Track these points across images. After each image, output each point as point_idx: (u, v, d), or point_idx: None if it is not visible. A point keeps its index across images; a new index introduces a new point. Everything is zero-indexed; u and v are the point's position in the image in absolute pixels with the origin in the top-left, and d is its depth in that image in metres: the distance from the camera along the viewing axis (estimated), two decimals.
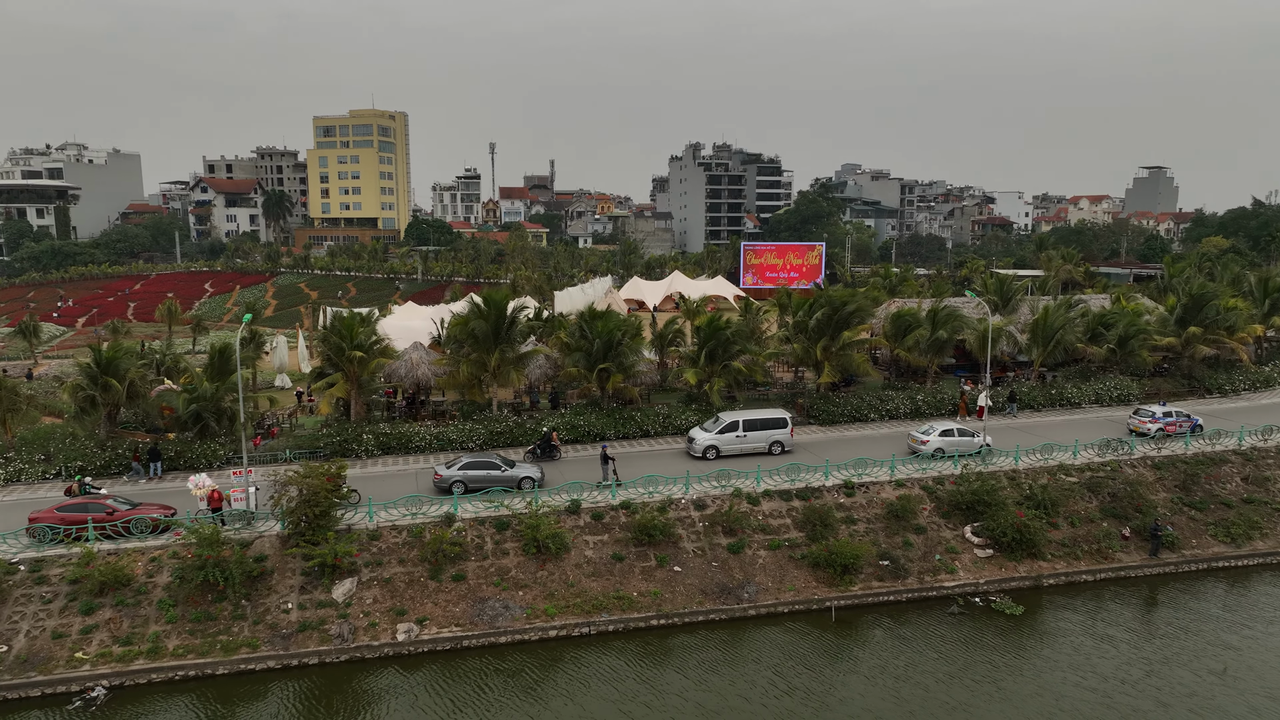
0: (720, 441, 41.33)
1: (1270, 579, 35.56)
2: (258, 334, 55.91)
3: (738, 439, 41.44)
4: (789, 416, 42.87)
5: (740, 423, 41.78)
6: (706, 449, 41.13)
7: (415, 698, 26.80)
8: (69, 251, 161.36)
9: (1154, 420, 44.92)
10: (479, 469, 36.91)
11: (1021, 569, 34.52)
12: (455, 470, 36.77)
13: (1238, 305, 54.15)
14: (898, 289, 74.29)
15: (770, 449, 41.90)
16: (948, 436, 41.82)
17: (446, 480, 36.31)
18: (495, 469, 37.09)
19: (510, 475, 37.11)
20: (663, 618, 31.06)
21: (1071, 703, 27.40)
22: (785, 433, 42.16)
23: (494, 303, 42.91)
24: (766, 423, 42.17)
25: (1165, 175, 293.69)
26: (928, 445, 41.47)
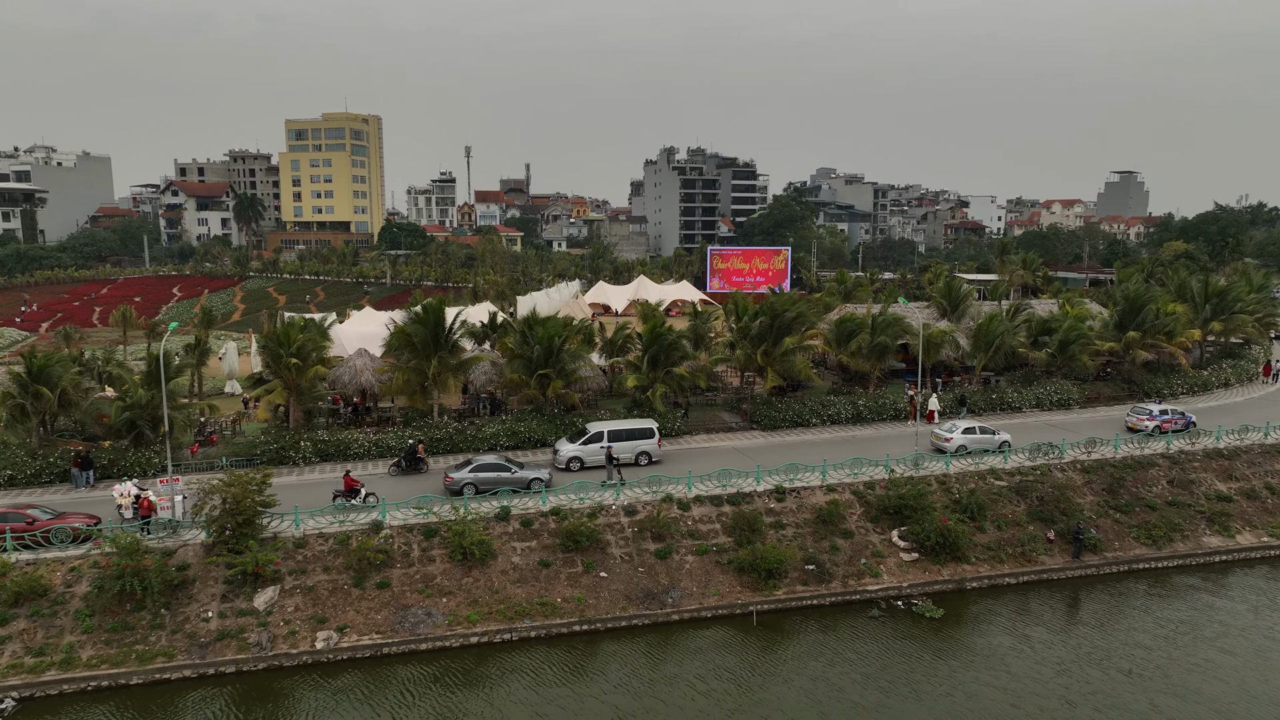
0: (584, 453, 40.47)
1: (1187, 580, 36.27)
2: (203, 341, 55.67)
3: (602, 450, 40.31)
4: (656, 427, 42.09)
5: (605, 433, 40.87)
6: (570, 460, 40.46)
7: (329, 706, 26.93)
8: (35, 255, 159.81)
9: (1151, 418, 46.48)
10: (489, 471, 37.76)
11: (945, 572, 35.04)
12: (466, 473, 37.56)
13: (1176, 310, 55.06)
14: (852, 294, 74.93)
15: (637, 460, 41.08)
16: (970, 434, 43.38)
17: (458, 483, 37.09)
18: (505, 470, 37.96)
19: (520, 477, 37.97)
20: (586, 624, 31.32)
21: (981, 701, 27.94)
22: (652, 443, 41.42)
23: (432, 310, 43.06)
24: (633, 433, 41.28)
25: (1136, 180, 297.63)
26: (951, 442, 42.86)
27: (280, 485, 38.28)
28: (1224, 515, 39.26)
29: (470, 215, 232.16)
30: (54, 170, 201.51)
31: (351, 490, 35.95)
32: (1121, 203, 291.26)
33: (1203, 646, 31.24)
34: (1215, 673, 29.58)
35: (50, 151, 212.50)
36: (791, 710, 27.30)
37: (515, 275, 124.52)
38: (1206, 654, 30.74)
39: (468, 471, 37.60)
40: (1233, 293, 58.55)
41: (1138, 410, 47.72)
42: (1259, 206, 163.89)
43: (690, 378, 46.49)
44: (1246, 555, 38.08)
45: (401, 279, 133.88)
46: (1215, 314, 57.76)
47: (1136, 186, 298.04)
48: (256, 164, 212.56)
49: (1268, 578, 36.64)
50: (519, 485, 37.61)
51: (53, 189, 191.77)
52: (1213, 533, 38.77)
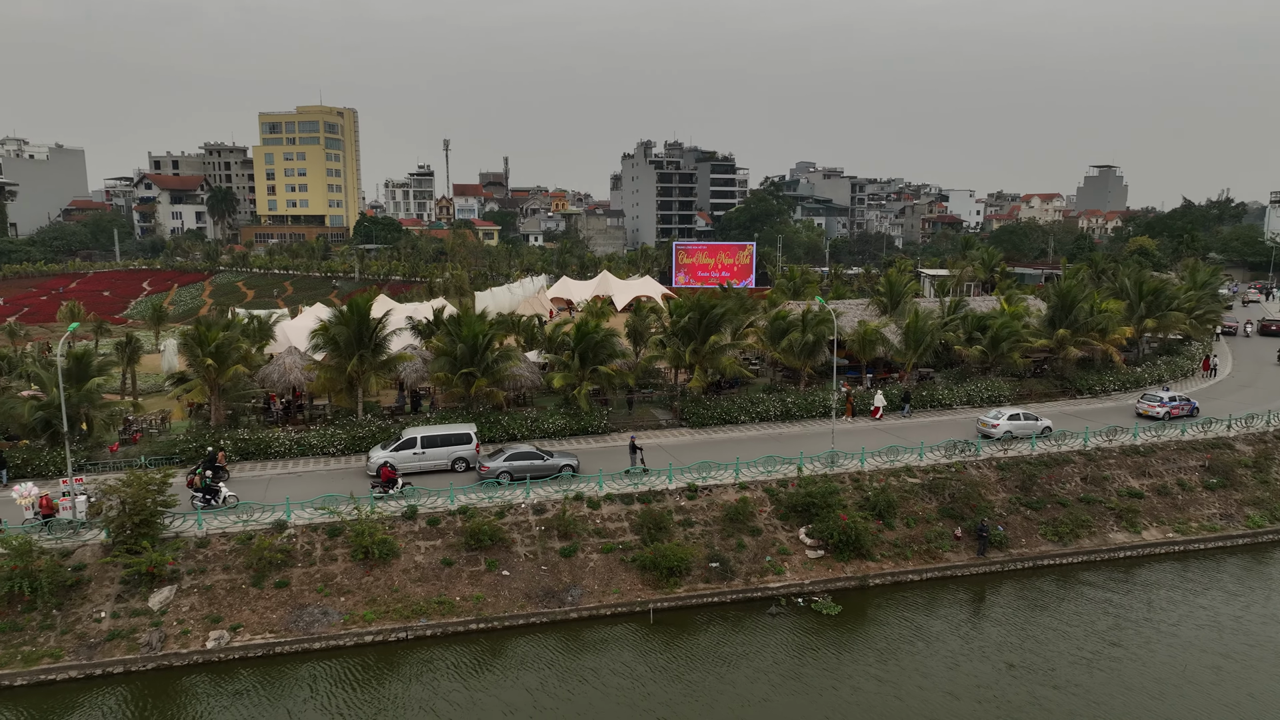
0: (396, 459, 39.20)
1: (1090, 576, 36.76)
2: (134, 338, 55.58)
3: (415, 456, 39.61)
4: (473, 432, 41.13)
5: (419, 439, 40.02)
6: (380, 468, 38.49)
7: (212, 706, 27.10)
8: (3, 249, 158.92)
9: (1161, 404, 49.10)
10: (523, 459, 39.22)
11: (848, 569, 35.42)
12: (501, 462, 38.94)
13: (1109, 307, 55.55)
14: (800, 291, 75.30)
15: (453, 466, 40.21)
16: (1015, 420, 45.26)
17: (493, 472, 38.57)
18: (538, 459, 39.42)
19: (551, 464, 39.43)
20: (483, 622, 31.58)
21: (865, 695, 28.44)
22: (469, 449, 40.43)
23: (356, 308, 43.12)
24: (448, 439, 40.42)
25: (1115, 174, 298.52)
26: (998, 428, 44.63)
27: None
28: (1132, 512, 39.80)
29: (448, 209, 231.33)
30: (26, 163, 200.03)
31: (389, 481, 36.76)
32: (1101, 197, 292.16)
33: (1093, 640, 31.77)
34: (1099, 665, 30.14)
35: (22, 144, 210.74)
36: (676, 705, 27.67)
37: (482, 270, 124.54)
38: (1095, 647, 31.28)
39: (503, 460, 39.05)
40: (1167, 290, 59.10)
41: (1149, 398, 49.99)
42: (1226, 202, 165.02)
43: (617, 376, 46.68)
44: (1151, 551, 38.63)
45: (370, 274, 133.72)
46: (1149, 311, 58.29)
47: (1115, 181, 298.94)
48: (232, 157, 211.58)
49: (1169, 573, 37.18)
50: (550, 472, 39.03)
51: (24, 182, 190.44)
52: (1120, 529, 39.29)
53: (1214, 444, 44.80)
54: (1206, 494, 41.90)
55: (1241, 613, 33.93)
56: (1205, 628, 32.76)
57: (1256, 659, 30.66)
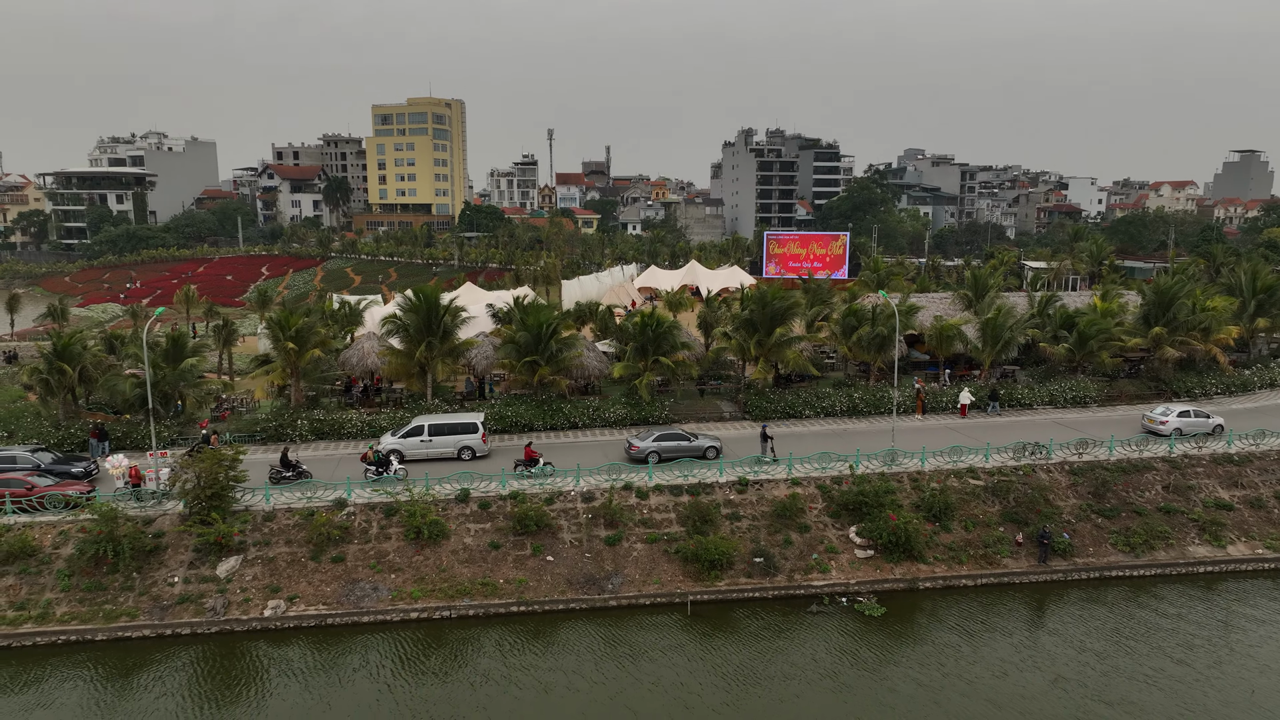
0: (404, 445, 40.07)
1: (1163, 589, 34.70)
2: (229, 321, 59.15)
3: (422, 443, 40.27)
4: (480, 421, 41.48)
5: (425, 427, 40.62)
6: (390, 453, 39.60)
7: (260, 668, 28.87)
8: (142, 235, 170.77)
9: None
10: (670, 440, 41.05)
11: (897, 571, 34.57)
12: (650, 442, 40.76)
13: (1214, 305, 51.93)
14: (885, 283, 73.24)
15: (460, 454, 40.73)
16: (1185, 417, 44.31)
17: (642, 451, 40.23)
18: (684, 440, 41.19)
19: (697, 445, 41.06)
20: (524, 605, 32.40)
21: (902, 698, 27.83)
22: (476, 438, 40.78)
23: (425, 297, 44.68)
24: (454, 427, 40.87)
25: (1259, 159, 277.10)
26: (1167, 425, 43.84)
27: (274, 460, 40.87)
28: (1217, 524, 37.29)
29: (550, 197, 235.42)
30: (165, 155, 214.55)
31: (531, 460, 38.47)
32: (1241, 185, 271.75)
33: (1156, 657, 30.10)
34: (1160, 683, 28.57)
35: (162, 137, 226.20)
36: (706, 694, 27.82)
37: (575, 258, 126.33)
38: (1158, 664, 29.64)
39: (651, 441, 40.77)
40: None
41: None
42: None
43: (680, 367, 46.77)
44: (1236, 567, 36.11)
45: (468, 261, 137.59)
46: (1261, 310, 54.15)
47: (1260, 167, 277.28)
48: (348, 148, 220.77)
49: (1254, 592, 34.72)
50: (696, 453, 40.63)
51: (163, 173, 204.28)
52: (1202, 542, 36.88)
53: None
54: None
55: None
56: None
57: None
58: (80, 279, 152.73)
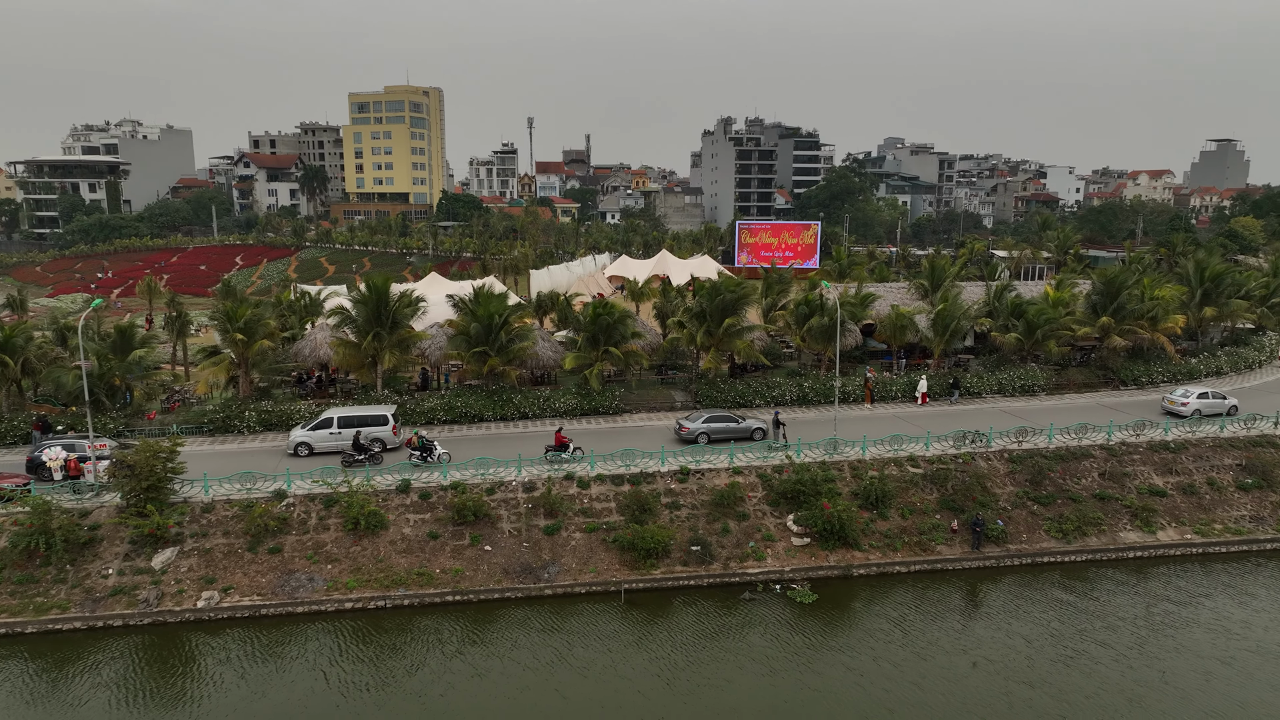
0: (313, 438, 40.25)
1: (1094, 574, 35.30)
2: (183, 312, 58.94)
3: (331, 436, 40.32)
4: (391, 414, 41.44)
5: (335, 419, 40.67)
6: (298, 445, 40.21)
7: (193, 660, 29.04)
8: (115, 225, 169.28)
9: None
10: (719, 422, 42.61)
11: (832, 558, 35.01)
12: (700, 424, 42.43)
13: (1162, 295, 52.54)
14: (847, 272, 73.58)
15: (370, 446, 40.19)
16: (1204, 399, 46.16)
17: (692, 433, 41.99)
18: (733, 422, 42.82)
19: (744, 427, 42.73)
20: (459, 594, 32.65)
21: (829, 681, 28.41)
22: (386, 430, 40.83)
23: (374, 288, 44.66)
24: (365, 420, 40.87)
25: (1235, 149, 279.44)
26: (1188, 406, 45.61)
27: (223, 452, 40.96)
28: (1149, 511, 37.90)
29: (530, 186, 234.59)
30: (139, 143, 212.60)
31: (562, 445, 39.25)
32: (1217, 174, 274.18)
33: (1080, 639, 30.73)
34: (1079, 664, 29.22)
35: (136, 125, 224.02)
36: (636, 679, 28.26)
37: (548, 247, 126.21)
38: (1081, 646, 30.29)
39: (700, 423, 42.35)
40: (1230, 277, 55.39)
41: None
42: None
43: (631, 357, 46.98)
44: (1165, 552, 36.78)
45: (443, 250, 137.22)
46: (1208, 299, 54.82)
47: (1235, 156, 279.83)
48: (325, 136, 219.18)
49: (1181, 576, 35.38)
50: (744, 434, 42.19)
51: (137, 161, 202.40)
52: (1133, 528, 37.51)
53: (1256, 442, 42.12)
54: (1239, 494, 39.53)
55: (1251, 618, 32.17)
56: (1208, 631, 31.22)
57: (1254, 666, 29.08)
58: (51, 269, 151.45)
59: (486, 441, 42.82)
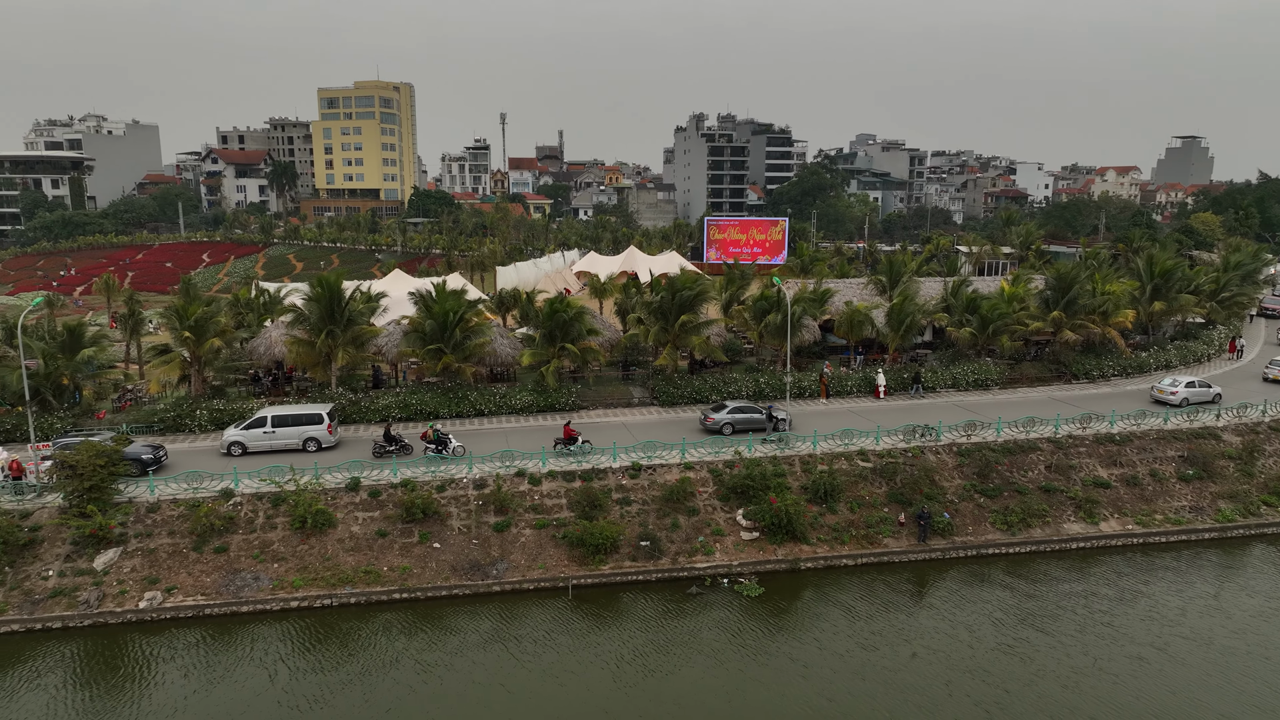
0: (246, 438, 39.96)
1: (1037, 565, 35.89)
2: (136, 311, 58.31)
3: (265, 435, 40.06)
4: (326, 413, 40.94)
5: (269, 418, 40.42)
6: (231, 445, 39.85)
7: (134, 661, 28.82)
8: (79, 221, 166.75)
9: None
10: (743, 414, 43.72)
11: (780, 552, 35.32)
12: (725, 415, 43.60)
13: (1113, 290, 53.34)
14: (809, 268, 74.10)
15: (305, 445, 40.26)
16: (1191, 388, 48.00)
17: (718, 424, 43.26)
18: (756, 413, 43.82)
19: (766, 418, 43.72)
20: (406, 592, 32.62)
21: (773, 671, 28.77)
22: (321, 429, 40.41)
23: (327, 285, 44.40)
24: (300, 419, 40.60)
25: (1199, 145, 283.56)
26: (1177, 395, 47.39)
27: (174, 451, 40.61)
28: (1092, 502, 38.54)
29: (503, 182, 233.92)
30: (104, 139, 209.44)
31: (570, 439, 40.08)
32: (1183, 170, 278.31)
33: (1021, 628, 31.37)
34: (1019, 652, 29.82)
35: (101, 120, 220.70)
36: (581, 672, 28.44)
37: (518, 244, 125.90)
38: (1021, 634, 30.93)
39: (726, 414, 43.45)
40: (1179, 272, 56.34)
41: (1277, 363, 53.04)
42: None
43: (588, 354, 47.03)
44: (1107, 543, 37.45)
45: (412, 247, 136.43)
46: (1157, 293, 55.74)
47: (1200, 152, 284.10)
48: (295, 131, 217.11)
49: (1122, 565, 36.01)
50: (763, 427, 43.01)
51: (102, 157, 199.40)
52: (1077, 519, 38.14)
53: (1198, 434, 42.93)
54: (1180, 485, 40.29)
55: (1186, 605, 32.87)
56: (1145, 619, 31.88)
57: (1186, 652, 29.75)
58: (13, 266, 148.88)
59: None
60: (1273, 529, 38.64)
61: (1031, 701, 27.12)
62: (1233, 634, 31.01)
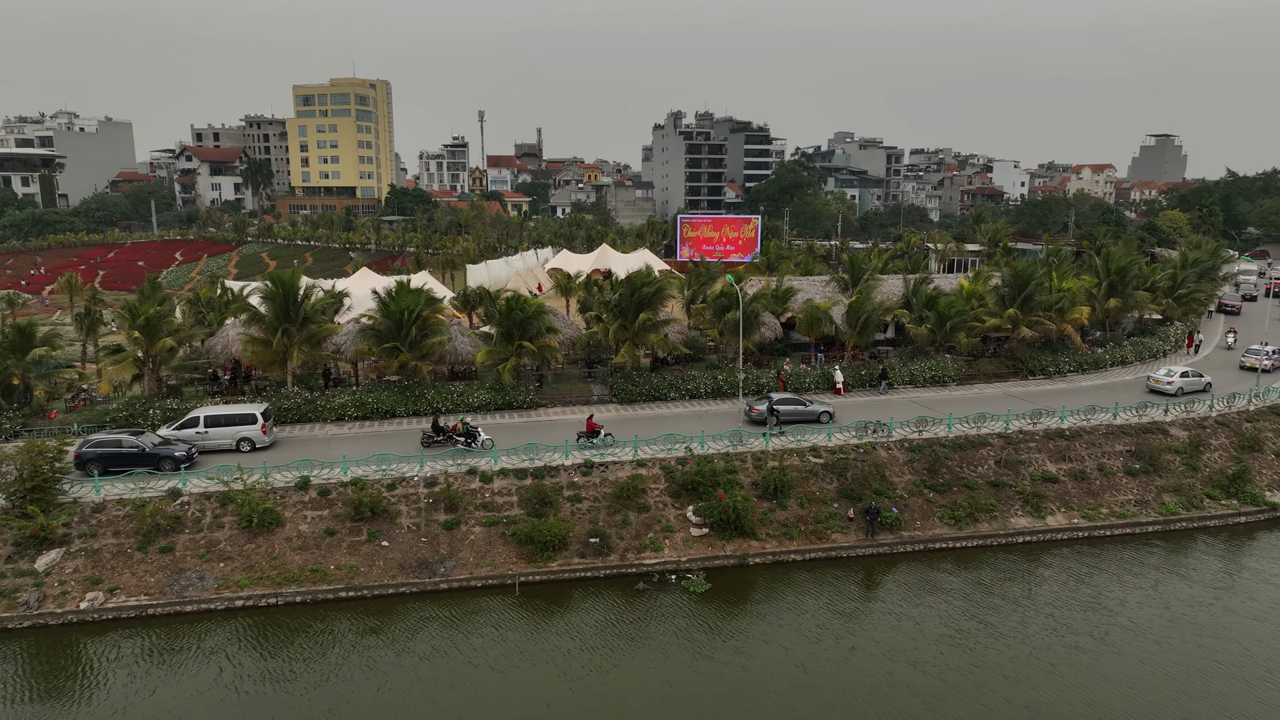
0: (178, 438, 39.67)
1: (985, 559, 36.31)
2: (93, 310, 57.87)
3: (198, 435, 39.98)
4: (260, 413, 40.75)
5: (201, 419, 40.36)
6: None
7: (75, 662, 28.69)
8: (49, 220, 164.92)
9: (1268, 358, 54.85)
10: (788, 405, 44.40)
11: (729, 548, 35.56)
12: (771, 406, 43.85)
13: (1069, 287, 53.95)
14: (775, 266, 74.45)
15: (238, 446, 40.19)
16: (1185, 378, 50.14)
17: (763, 414, 43.63)
18: (800, 405, 44.71)
19: (811, 410, 44.58)
20: (353, 590, 32.61)
21: (715, 665, 28.97)
22: (255, 429, 40.33)
23: (282, 283, 44.22)
24: (233, 419, 40.55)
25: (1173, 144, 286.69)
26: (1173, 385, 49.25)
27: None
28: (1039, 497, 39.02)
29: (481, 180, 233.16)
30: (77, 136, 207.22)
31: (593, 432, 40.49)
32: (1157, 168, 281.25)
33: (965, 620, 31.78)
34: (962, 643, 30.28)
35: (73, 117, 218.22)
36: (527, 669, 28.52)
37: (492, 242, 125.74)
38: (964, 626, 31.35)
39: (772, 405, 43.71)
40: (1134, 269, 57.04)
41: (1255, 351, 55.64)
42: (1273, 173, 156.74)
43: (541, 352, 47.08)
44: (1053, 536, 37.93)
45: (386, 245, 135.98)
46: (1112, 290, 56.42)
47: (1174, 151, 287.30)
48: (271, 129, 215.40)
49: (1068, 559, 36.50)
50: (811, 417, 44.04)
51: (74, 154, 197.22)
52: (1024, 514, 38.60)
53: (1147, 429, 43.53)
54: (1127, 480, 40.85)
55: (1126, 595, 33.40)
56: (1084, 610, 32.44)
57: (1123, 641, 30.26)
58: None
59: (398, 437, 42.59)
60: (1215, 521, 39.28)
61: (968, 691, 27.51)
62: (1169, 623, 31.59)
